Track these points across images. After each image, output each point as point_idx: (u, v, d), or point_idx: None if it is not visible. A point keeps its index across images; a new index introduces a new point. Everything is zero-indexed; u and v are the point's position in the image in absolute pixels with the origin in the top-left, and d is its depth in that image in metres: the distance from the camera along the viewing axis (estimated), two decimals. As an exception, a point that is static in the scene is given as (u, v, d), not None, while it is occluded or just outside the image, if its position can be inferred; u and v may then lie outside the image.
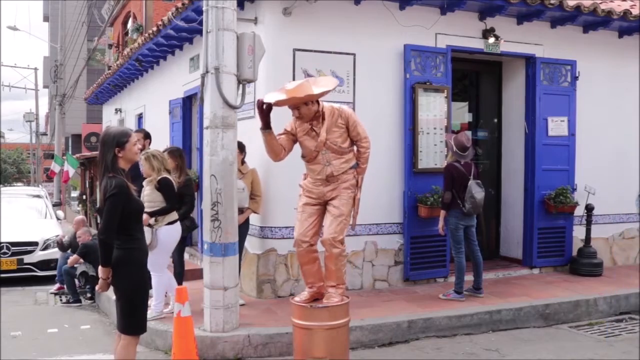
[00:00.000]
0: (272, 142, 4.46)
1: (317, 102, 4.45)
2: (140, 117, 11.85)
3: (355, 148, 4.62)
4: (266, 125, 4.39)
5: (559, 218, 7.71)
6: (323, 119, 4.45)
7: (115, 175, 3.57)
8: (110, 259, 3.58)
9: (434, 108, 7.01)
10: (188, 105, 8.94)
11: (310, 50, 6.46)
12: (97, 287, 3.84)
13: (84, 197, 21.26)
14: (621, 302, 6.49)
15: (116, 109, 13.87)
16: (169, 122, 9.42)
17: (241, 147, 6.02)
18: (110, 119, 15.03)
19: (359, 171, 4.60)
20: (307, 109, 4.39)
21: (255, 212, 6.21)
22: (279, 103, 4.36)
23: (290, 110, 4.51)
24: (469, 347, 5.33)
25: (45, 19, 40.68)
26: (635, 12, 7.64)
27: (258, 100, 4.42)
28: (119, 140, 3.62)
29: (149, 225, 5.43)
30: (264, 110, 4.37)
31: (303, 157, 4.62)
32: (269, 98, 4.40)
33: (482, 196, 6.23)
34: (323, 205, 4.54)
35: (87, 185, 21.63)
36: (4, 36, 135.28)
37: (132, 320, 3.70)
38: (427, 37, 7.01)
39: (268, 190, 6.32)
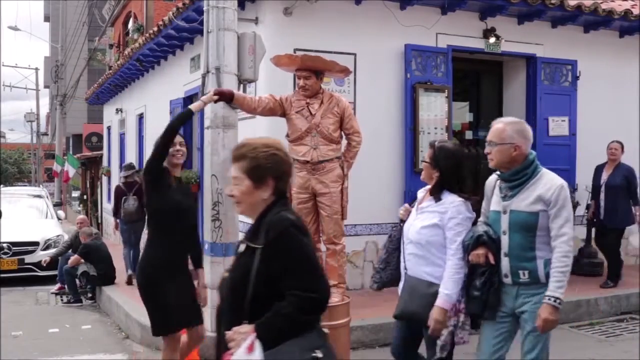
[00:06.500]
0: (243, 105, 4.56)
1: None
2: (140, 117, 11.85)
3: (346, 142, 4.58)
4: (230, 99, 4.52)
5: (559, 218, 7.69)
6: (322, 102, 4.44)
7: None
8: None
9: (435, 108, 7.01)
10: (189, 105, 8.93)
11: (311, 50, 6.41)
12: None
13: (85, 197, 21.28)
14: (622, 302, 6.48)
15: (117, 109, 13.87)
16: (170, 122, 9.40)
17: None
18: (111, 119, 15.04)
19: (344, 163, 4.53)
20: (314, 81, 4.40)
21: None
22: (297, 59, 4.46)
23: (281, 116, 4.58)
24: (470, 346, 5.31)
25: (46, 19, 40.67)
26: (636, 11, 7.64)
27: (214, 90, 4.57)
28: None
29: None
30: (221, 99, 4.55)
31: (287, 136, 4.53)
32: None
33: None
34: (314, 197, 4.47)
35: (88, 186, 21.64)
36: (5, 36, 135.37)
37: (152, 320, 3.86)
38: (427, 37, 7.00)
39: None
